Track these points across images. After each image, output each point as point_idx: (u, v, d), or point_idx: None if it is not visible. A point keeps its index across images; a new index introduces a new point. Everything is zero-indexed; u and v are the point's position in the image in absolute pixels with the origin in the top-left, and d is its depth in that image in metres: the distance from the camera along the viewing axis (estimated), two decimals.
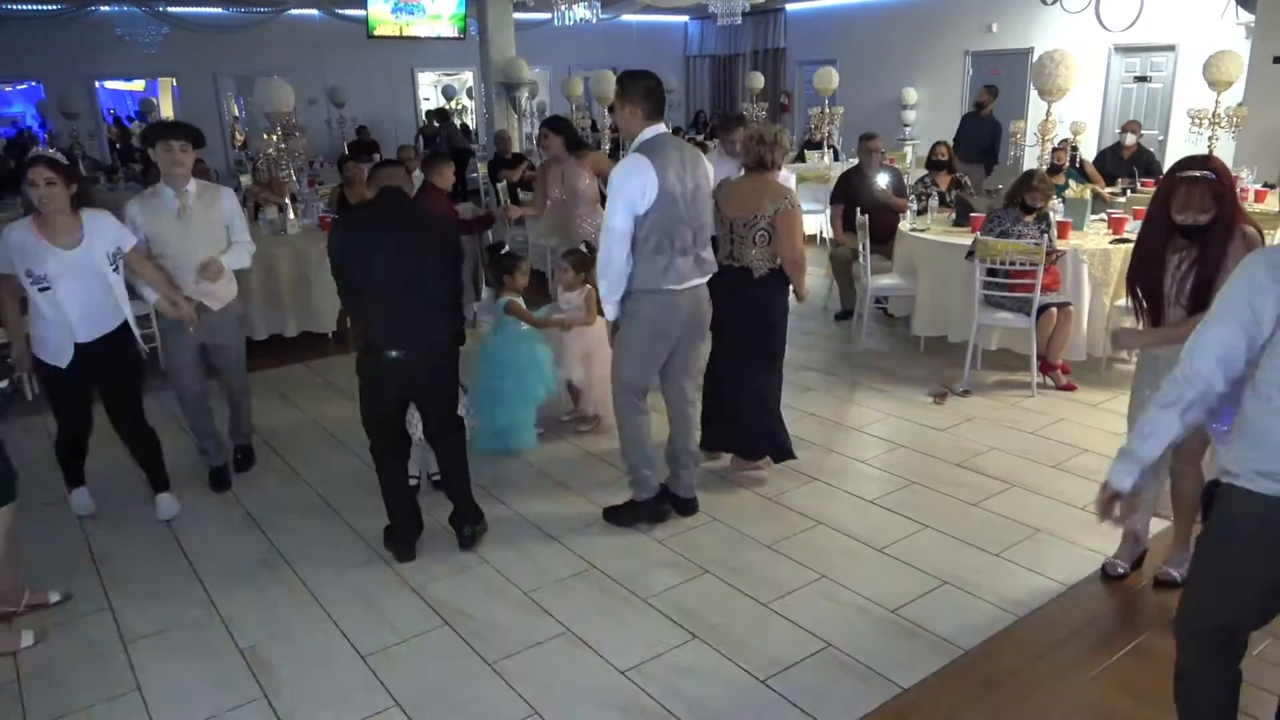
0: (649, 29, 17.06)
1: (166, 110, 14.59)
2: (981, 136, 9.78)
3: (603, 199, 4.19)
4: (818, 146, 10.78)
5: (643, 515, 3.84)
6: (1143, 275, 3.05)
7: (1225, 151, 8.60)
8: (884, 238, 6.36)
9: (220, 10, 12.26)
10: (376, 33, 10.66)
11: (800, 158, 10.99)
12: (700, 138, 13.51)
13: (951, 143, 7.63)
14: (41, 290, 3.55)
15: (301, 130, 8.51)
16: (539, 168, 6.51)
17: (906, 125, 13.64)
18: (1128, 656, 2.93)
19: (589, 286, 4.54)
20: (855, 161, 7.32)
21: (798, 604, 3.24)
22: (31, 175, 3.44)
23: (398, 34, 10.65)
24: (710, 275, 3.72)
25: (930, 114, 13.58)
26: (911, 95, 13.64)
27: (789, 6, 15.64)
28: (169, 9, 11.90)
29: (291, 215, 6.83)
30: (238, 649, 3.07)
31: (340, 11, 12.24)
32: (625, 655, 2.98)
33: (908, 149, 12.42)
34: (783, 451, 4.22)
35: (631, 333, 3.61)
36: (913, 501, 3.99)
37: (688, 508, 3.92)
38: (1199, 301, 2.88)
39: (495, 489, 4.19)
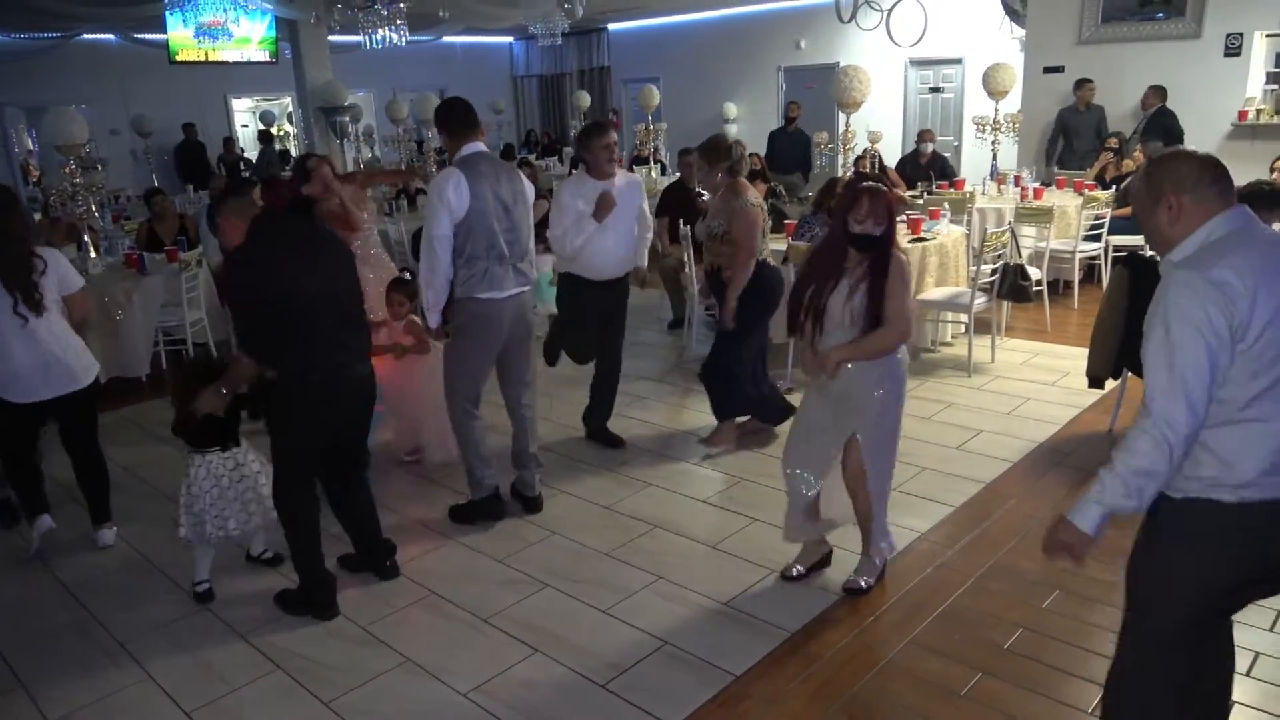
0: (474, 50, 17.00)
1: None
2: (795, 148, 10.35)
3: None
4: (644, 161, 11.08)
5: (481, 512, 4.02)
6: (816, 292, 3.09)
7: (1008, 154, 9.46)
8: None
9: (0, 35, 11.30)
10: (179, 58, 10.15)
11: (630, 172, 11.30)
12: (532, 157, 13.59)
13: (765, 156, 8.04)
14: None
15: (102, 163, 8.01)
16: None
17: None
18: (936, 621, 3.18)
19: (413, 317, 4.49)
20: (679, 175, 7.57)
21: (636, 607, 3.34)
22: None
23: (203, 59, 10.17)
24: (529, 286, 3.90)
25: (750, 127, 14.18)
26: (732, 110, 14.23)
27: (611, 26, 15.98)
28: None
29: (93, 254, 6.41)
30: None
31: (139, 36, 11.54)
32: (467, 677, 2.98)
33: None
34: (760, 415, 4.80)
35: (458, 343, 3.84)
36: (742, 497, 4.18)
37: (533, 505, 4.13)
38: (875, 316, 3.01)
39: (326, 524, 4.07)
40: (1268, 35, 8.36)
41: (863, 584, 3.36)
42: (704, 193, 6.92)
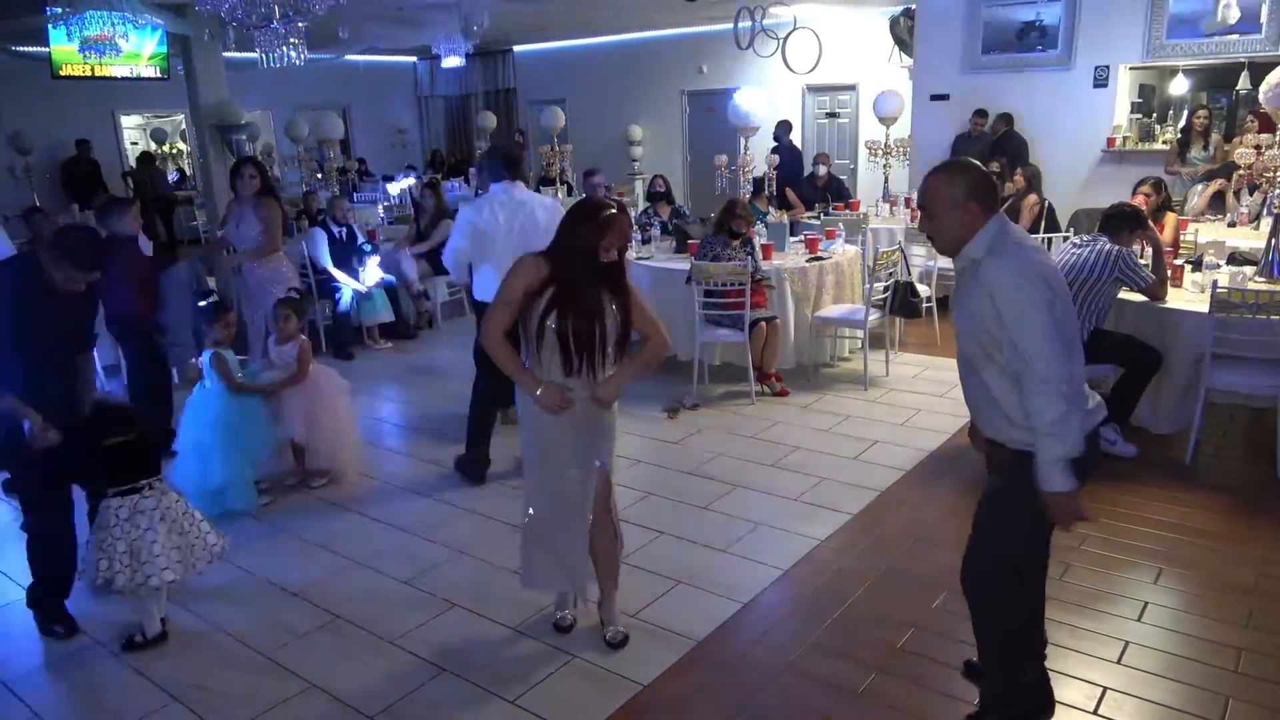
0: (378, 68, 16.78)
1: None
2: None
3: None
4: (551, 182, 11.14)
5: None
6: (587, 327, 2.85)
7: (899, 177, 9.88)
8: None
9: None
10: (62, 72, 9.74)
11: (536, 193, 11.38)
12: (439, 176, 13.50)
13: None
14: None
15: None
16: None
17: (635, 160, 14.40)
18: (834, 624, 3.31)
19: (303, 338, 4.43)
20: (585, 196, 7.66)
21: (544, 623, 3.36)
22: None
23: (89, 74, 9.78)
24: None
25: (656, 149, 14.43)
26: (637, 132, 14.43)
27: (516, 48, 16.02)
28: None
29: None
30: None
31: (18, 49, 11.00)
32: (374, 700, 2.95)
33: (637, 182, 13.12)
34: None
35: None
36: (650, 511, 4.25)
37: None
38: (628, 335, 2.94)
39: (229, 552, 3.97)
40: (1130, 68, 8.99)
41: (623, 633, 3.16)
42: None
